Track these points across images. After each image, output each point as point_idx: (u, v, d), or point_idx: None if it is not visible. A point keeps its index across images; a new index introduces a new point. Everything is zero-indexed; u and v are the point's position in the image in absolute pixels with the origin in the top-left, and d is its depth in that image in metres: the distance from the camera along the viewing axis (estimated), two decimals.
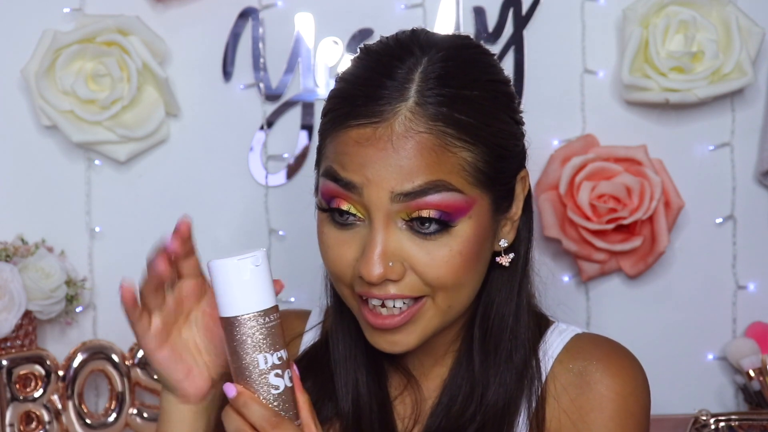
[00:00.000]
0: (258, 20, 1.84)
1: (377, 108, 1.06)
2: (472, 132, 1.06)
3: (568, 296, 1.87)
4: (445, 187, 1.05)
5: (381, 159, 1.04)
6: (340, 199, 1.07)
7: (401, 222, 1.06)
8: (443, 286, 1.08)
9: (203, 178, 1.86)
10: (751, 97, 1.86)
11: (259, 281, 1.02)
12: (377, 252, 1.05)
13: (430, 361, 1.19)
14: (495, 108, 1.09)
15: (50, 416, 1.79)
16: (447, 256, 1.06)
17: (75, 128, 1.79)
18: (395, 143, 1.04)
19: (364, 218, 1.07)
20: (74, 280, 1.80)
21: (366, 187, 1.05)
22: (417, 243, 1.06)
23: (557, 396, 1.14)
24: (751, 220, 1.88)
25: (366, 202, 1.06)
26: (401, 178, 1.04)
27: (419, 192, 1.04)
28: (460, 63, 1.09)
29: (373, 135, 1.05)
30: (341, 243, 1.09)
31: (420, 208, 1.05)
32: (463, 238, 1.07)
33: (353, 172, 1.06)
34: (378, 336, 1.10)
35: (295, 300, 1.81)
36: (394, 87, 1.06)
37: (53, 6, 1.83)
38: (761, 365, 1.80)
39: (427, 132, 1.05)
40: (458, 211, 1.06)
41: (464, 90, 1.07)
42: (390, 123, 1.05)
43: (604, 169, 1.79)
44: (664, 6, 1.79)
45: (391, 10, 1.84)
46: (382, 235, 1.06)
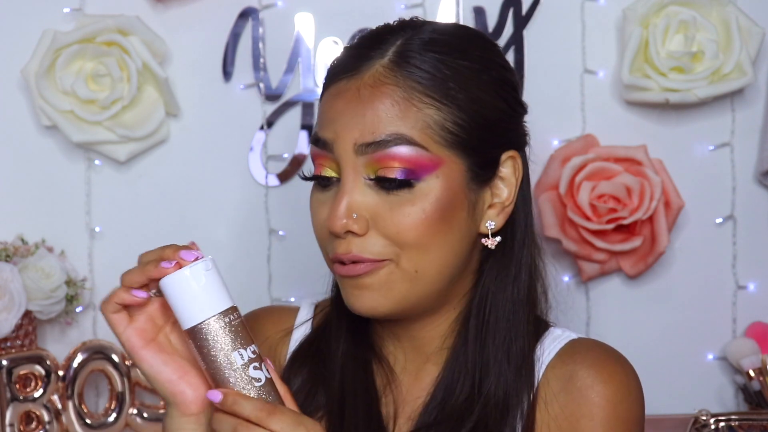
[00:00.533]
0: (258, 20, 1.84)
1: (356, 63, 1.09)
2: (443, 91, 1.07)
3: (568, 296, 1.87)
4: (408, 141, 1.06)
5: (348, 110, 1.07)
6: (319, 161, 1.11)
7: (367, 178, 1.08)
8: (405, 244, 1.07)
9: (203, 178, 1.86)
10: (751, 97, 1.86)
11: (212, 285, 1.02)
12: (343, 204, 1.07)
13: (420, 358, 1.17)
14: (479, 78, 1.10)
15: (50, 416, 1.79)
16: (409, 211, 1.07)
17: (75, 128, 1.79)
18: (362, 93, 1.07)
19: (337, 175, 1.09)
20: (74, 280, 1.80)
21: (335, 142, 1.08)
22: (382, 197, 1.07)
23: (548, 402, 1.12)
24: (751, 220, 1.88)
25: (336, 158, 1.08)
26: (364, 129, 1.06)
27: (381, 143, 1.06)
28: (452, 37, 1.12)
29: (345, 87, 1.08)
30: (320, 204, 1.11)
31: (383, 161, 1.06)
32: (428, 197, 1.07)
33: (326, 129, 1.09)
34: (351, 294, 1.10)
35: (295, 300, 1.81)
36: (376, 48, 1.10)
37: (53, 6, 1.83)
38: (761, 365, 1.80)
39: (393, 84, 1.07)
40: (422, 168, 1.07)
41: (447, 56, 1.09)
42: (362, 75, 1.08)
43: (604, 169, 1.79)
44: (664, 6, 1.79)
45: (391, 10, 1.84)
46: (348, 188, 1.07)
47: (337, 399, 1.16)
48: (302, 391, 1.17)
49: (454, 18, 1.83)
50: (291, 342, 1.24)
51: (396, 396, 1.16)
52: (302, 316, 1.27)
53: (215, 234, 1.86)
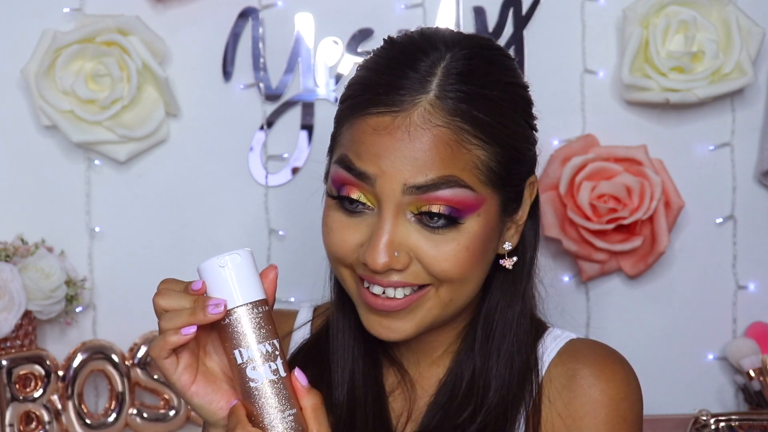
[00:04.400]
0: (258, 20, 1.84)
1: (397, 97, 1.06)
2: (489, 131, 1.07)
3: (568, 296, 1.87)
4: (458, 183, 1.05)
5: (397, 150, 1.05)
6: (351, 186, 1.08)
7: (410, 214, 1.07)
8: (448, 279, 1.08)
9: (203, 178, 1.86)
10: (751, 97, 1.86)
11: (244, 276, 1.02)
12: (384, 240, 1.06)
13: (426, 360, 1.19)
14: (512, 110, 1.10)
15: (50, 416, 1.79)
16: (454, 250, 1.07)
17: (75, 128, 1.79)
18: (412, 134, 1.05)
19: (374, 207, 1.08)
20: (74, 280, 1.80)
21: (379, 178, 1.05)
22: (425, 236, 1.07)
23: (552, 399, 1.14)
24: (751, 220, 1.88)
25: (378, 193, 1.06)
26: (415, 170, 1.04)
27: (431, 186, 1.05)
28: (482, 62, 1.10)
29: (391, 124, 1.05)
30: (346, 227, 1.09)
31: (431, 202, 1.05)
32: (471, 235, 1.07)
33: (368, 162, 1.06)
34: (375, 321, 1.10)
35: (295, 300, 1.81)
36: (416, 79, 1.06)
37: (53, 6, 1.83)
38: (761, 365, 1.80)
39: (444, 126, 1.05)
40: (468, 208, 1.07)
41: (484, 89, 1.08)
42: (409, 113, 1.05)
43: (604, 169, 1.79)
44: (664, 6, 1.79)
45: (391, 10, 1.84)
46: (390, 225, 1.06)
47: (346, 400, 1.16)
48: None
49: (454, 18, 1.83)
50: (291, 344, 1.25)
51: (410, 395, 1.17)
52: (301, 319, 1.27)
53: (215, 234, 1.86)
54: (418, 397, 1.17)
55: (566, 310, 1.86)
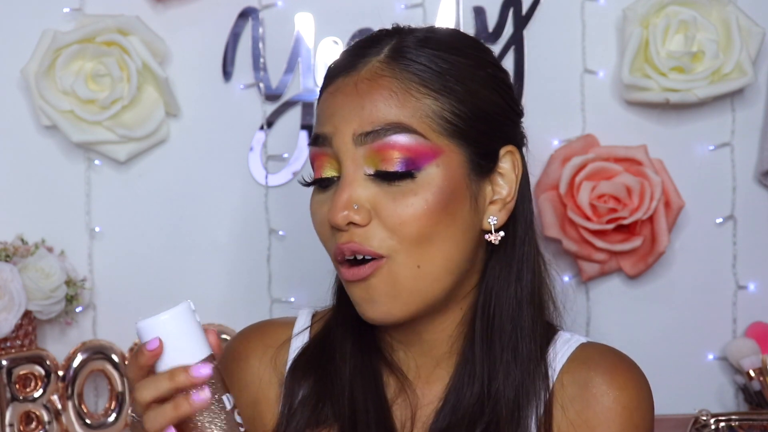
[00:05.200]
0: (258, 20, 1.84)
1: (351, 62, 1.11)
2: (440, 83, 1.09)
3: (568, 296, 1.86)
4: (407, 130, 1.07)
5: (346, 104, 1.09)
6: (318, 161, 1.11)
7: (368, 169, 1.08)
8: (406, 236, 1.07)
9: (203, 178, 1.86)
10: (751, 97, 1.86)
11: (193, 332, 1.01)
12: (344, 196, 1.07)
13: (430, 363, 1.17)
14: (475, 73, 1.11)
15: (50, 416, 1.79)
16: (411, 201, 1.07)
17: (75, 128, 1.79)
18: (359, 87, 1.08)
19: (337, 173, 1.10)
20: (74, 280, 1.80)
21: (334, 135, 1.09)
22: (383, 189, 1.08)
23: (564, 406, 1.13)
24: (751, 220, 1.88)
25: (336, 151, 1.09)
26: (363, 119, 1.07)
27: (380, 132, 1.07)
28: (446, 36, 1.14)
29: (342, 83, 1.10)
30: (321, 203, 1.11)
31: (382, 150, 1.07)
32: (430, 186, 1.07)
33: (324, 124, 1.10)
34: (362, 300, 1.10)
35: (295, 300, 1.81)
36: (372, 47, 1.12)
37: (53, 6, 1.83)
38: (761, 365, 1.80)
39: (390, 76, 1.08)
40: (421, 156, 1.07)
41: (442, 51, 1.10)
42: (358, 71, 1.10)
43: (604, 169, 1.79)
44: (664, 6, 1.79)
45: (391, 10, 1.84)
46: (348, 180, 1.08)
47: (347, 410, 1.15)
48: (307, 403, 1.16)
49: (454, 18, 1.83)
50: (290, 352, 1.23)
51: (412, 402, 1.16)
52: (300, 321, 1.26)
53: (215, 234, 1.86)
54: (422, 404, 1.16)
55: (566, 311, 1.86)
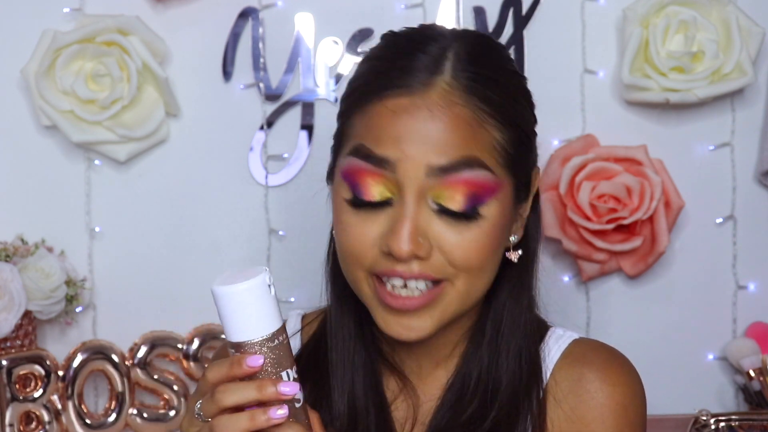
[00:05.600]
0: (258, 20, 1.84)
1: (412, 78, 1.05)
2: (502, 111, 1.06)
3: (568, 296, 1.87)
4: (479, 164, 1.04)
5: (418, 130, 1.03)
6: (367, 177, 1.05)
7: (432, 202, 1.05)
8: (468, 268, 1.06)
9: (203, 178, 1.86)
10: (751, 97, 1.86)
11: (265, 304, 0.99)
12: (408, 226, 1.03)
13: (430, 364, 1.17)
14: (518, 95, 1.11)
15: (50, 416, 1.79)
16: (477, 236, 1.05)
17: (75, 128, 1.79)
18: (433, 113, 1.03)
19: (392, 195, 1.05)
20: (74, 280, 1.80)
21: (401, 161, 1.03)
22: (447, 222, 1.05)
23: (559, 402, 1.13)
24: (751, 220, 1.88)
25: (400, 178, 1.04)
26: (438, 150, 1.03)
27: (455, 166, 1.03)
28: (487, 50, 1.11)
29: (410, 104, 1.04)
30: (364, 221, 1.06)
31: (453, 185, 1.04)
32: (491, 221, 1.06)
33: (388, 147, 1.04)
34: (394, 321, 1.08)
35: (295, 300, 1.81)
36: (429, 60, 1.06)
37: (53, 6, 1.83)
38: (761, 365, 1.80)
39: (463, 105, 1.04)
40: (488, 192, 1.05)
41: (494, 73, 1.08)
42: (427, 93, 1.04)
43: (604, 169, 1.79)
44: (664, 6, 1.79)
45: (391, 10, 1.84)
46: (413, 210, 1.04)
47: (347, 412, 1.15)
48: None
49: (454, 18, 1.83)
50: None
51: (413, 401, 1.16)
52: (290, 325, 1.25)
53: (215, 234, 1.86)
54: (422, 403, 1.16)
55: (566, 310, 1.86)
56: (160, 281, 1.86)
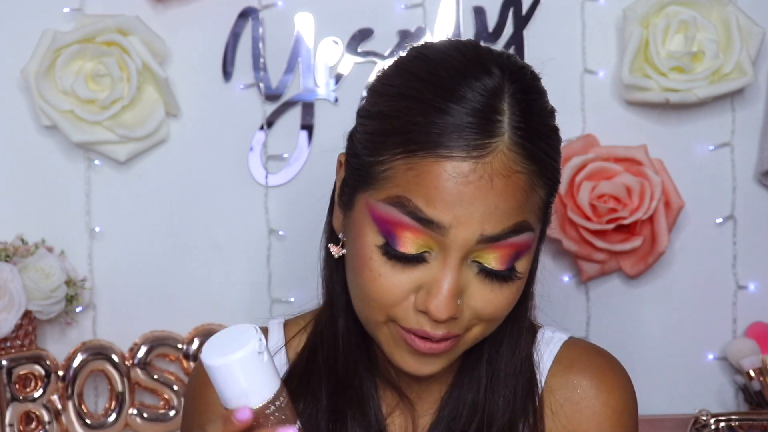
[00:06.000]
0: (258, 20, 1.84)
1: (473, 140, 0.98)
2: (550, 169, 1.03)
3: (568, 296, 1.87)
4: (527, 228, 1.01)
5: (477, 198, 0.97)
6: (409, 234, 0.99)
7: (472, 261, 1.01)
8: (494, 320, 1.05)
9: (203, 178, 1.86)
10: (751, 97, 1.86)
11: (260, 369, 0.95)
12: (450, 289, 0.99)
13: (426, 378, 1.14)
14: (557, 142, 1.06)
15: (50, 416, 1.79)
16: (509, 293, 1.03)
17: (75, 128, 1.79)
18: (495, 183, 0.97)
19: (431, 250, 1.00)
20: (74, 280, 1.80)
21: (453, 228, 0.98)
22: (484, 281, 1.02)
23: (555, 411, 1.13)
24: (751, 220, 1.88)
25: (448, 242, 0.99)
26: (494, 220, 0.98)
27: (506, 235, 1.00)
28: (533, 90, 1.05)
29: (472, 172, 0.97)
30: (396, 271, 1.01)
31: (499, 249, 1.00)
32: (524, 275, 1.04)
33: (442, 210, 0.97)
34: (413, 360, 1.05)
35: (295, 300, 1.81)
36: (486, 116, 0.99)
37: (53, 6, 1.83)
38: (761, 365, 1.80)
39: (521, 172, 0.99)
40: (527, 249, 1.03)
41: (541, 125, 1.03)
42: (490, 160, 0.98)
43: (604, 169, 1.79)
44: (664, 6, 1.79)
45: (391, 10, 1.84)
46: (456, 273, 1.00)
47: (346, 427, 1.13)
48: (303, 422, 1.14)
49: (454, 18, 1.83)
50: None
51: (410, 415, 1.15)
52: (273, 336, 1.21)
53: (215, 234, 1.86)
54: (419, 416, 1.15)
55: (566, 310, 1.86)
56: (160, 281, 1.86)
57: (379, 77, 1.07)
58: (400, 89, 1.02)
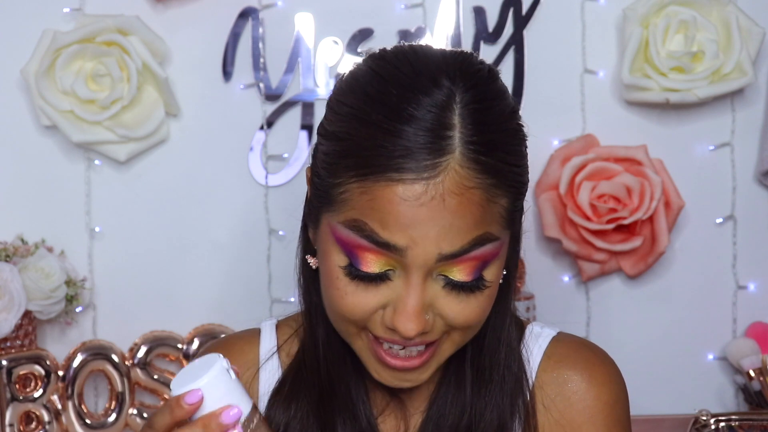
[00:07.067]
0: (258, 20, 1.84)
1: (422, 162, 0.96)
2: (510, 177, 1.01)
3: (568, 296, 1.87)
4: (489, 239, 1.00)
5: (431, 219, 0.96)
6: (372, 258, 0.99)
7: (438, 275, 1.01)
8: (469, 329, 1.05)
9: (203, 178, 1.86)
10: (751, 97, 1.86)
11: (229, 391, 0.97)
12: (415, 306, 0.99)
13: None
14: (519, 143, 1.04)
15: (50, 416, 1.79)
16: (480, 301, 1.03)
17: (75, 128, 1.79)
18: (447, 202, 0.96)
19: (394, 269, 1.00)
20: (74, 280, 1.80)
21: (410, 249, 0.97)
22: (451, 293, 1.01)
23: (547, 405, 1.13)
24: (751, 220, 1.88)
25: (407, 262, 0.98)
26: (451, 238, 0.97)
27: (465, 250, 0.99)
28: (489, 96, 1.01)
29: (423, 194, 0.96)
30: (361, 290, 1.01)
31: (463, 263, 0.99)
32: (494, 282, 1.03)
33: (396, 233, 0.97)
34: (389, 374, 1.05)
35: (295, 300, 1.81)
36: (435, 135, 0.97)
37: (53, 6, 1.83)
38: (761, 365, 1.80)
39: (475, 187, 0.97)
40: (493, 257, 1.02)
41: (500, 132, 1.00)
42: (441, 180, 0.96)
43: (604, 169, 1.79)
44: (664, 6, 1.79)
45: (391, 10, 1.84)
46: (420, 290, 0.99)
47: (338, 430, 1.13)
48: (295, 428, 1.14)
49: (454, 18, 1.83)
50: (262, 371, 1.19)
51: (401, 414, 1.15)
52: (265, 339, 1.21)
53: (215, 234, 1.86)
54: (410, 415, 1.15)
55: (566, 310, 1.86)
56: (160, 281, 1.86)
57: (335, 92, 1.05)
58: (351, 109, 1.00)
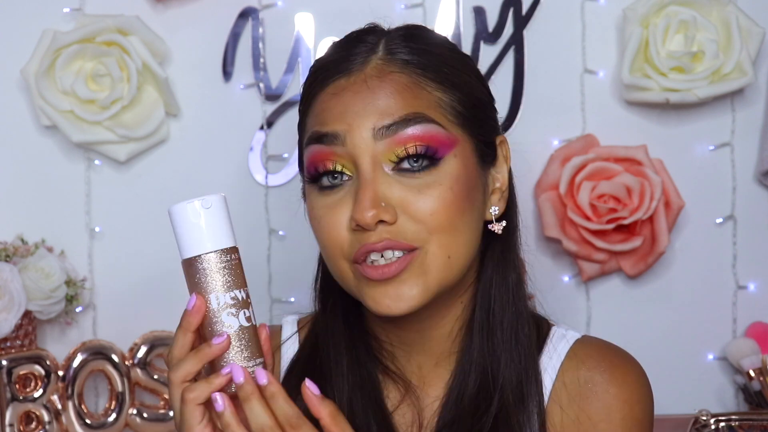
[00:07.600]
0: (258, 20, 1.84)
1: (348, 63, 1.11)
2: (442, 76, 1.10)
3: (568, 296, 1.87)
4: (425, 119, 1.08)
5: (358, 102, 1.08)
6: (325, 159, 1.09)
7: (388, 167, 1.08)
8: (438, 228, 1.07)
9: (203, 178, 1.86)
10: (751, 97, 1.86)
11: (217, 222, 1.05)
12: (368, 195, 1.06)
13: (430, 362, 1.17)
14: (463, 66, 1.14)
15: (50, 416, 1.79)
16: (438, 191, 1.07)
17: (75, 128, 1.79)
18: (370, 84, 1.09)
19: (352, 174, 1.09)
20: (74, 280, 1.80)
21: (349, 133, 1.08)
22: (406, 185, 1.08)
23: (564, 406, 1.14)
24: (751, 220, 1.88)
25: (351, 150, 1.08)
26: (381, 114, 1.07)
27: (400, 123, 1.07)
28: (421, 30, 1.17)
29: (347, 83, 1.10)
30: (332, 207, 1.10)
31: (403, 142, 1.07)
32: (452, 176, 1.08)
33: (334, 122, 1.09)
34: (381, 293, 1.08)
35: (295, 300, 1.81)
36: (364, 47, 1.12)
37: (53, 6, 1.83)
38: (761, 365, 1.80)
39: (399, 72, 1.09)
40: (442, 145, 1.08)
41: (426, 45, 1.13)
42: (362, 69, 1.10)
43: (604, 169, 1.79)
44: (664, 6, 1.79)
45: (391, 10, 1.84)
46: (371, 178, 1.07)
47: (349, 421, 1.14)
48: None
49: (454, 18, 1.83)
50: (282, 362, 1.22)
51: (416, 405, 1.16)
52: (286, 332, 1.25)
53: None
54: (425, 405, 1.16)
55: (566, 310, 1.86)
56: (160, 281, 1.86)
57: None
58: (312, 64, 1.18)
